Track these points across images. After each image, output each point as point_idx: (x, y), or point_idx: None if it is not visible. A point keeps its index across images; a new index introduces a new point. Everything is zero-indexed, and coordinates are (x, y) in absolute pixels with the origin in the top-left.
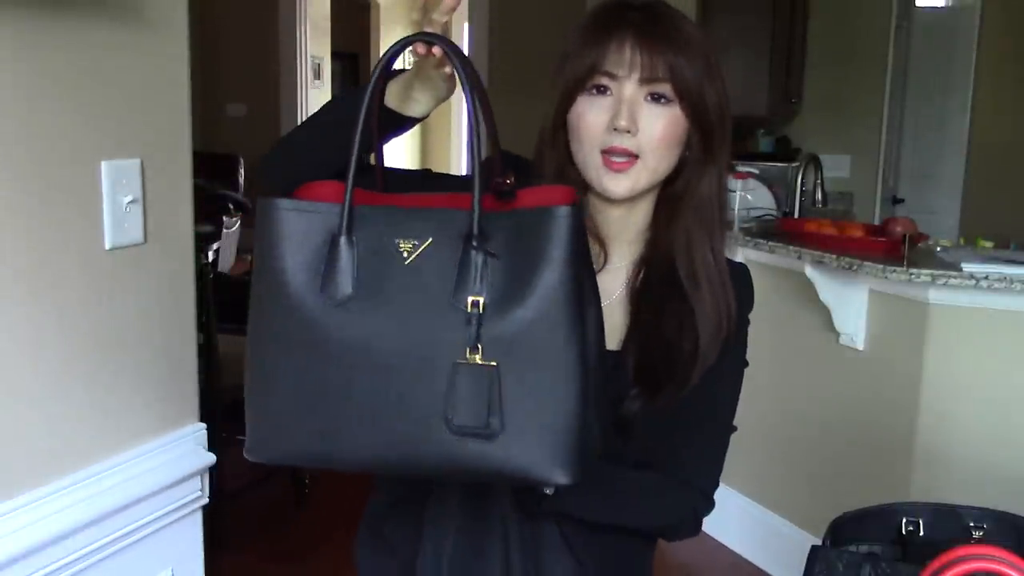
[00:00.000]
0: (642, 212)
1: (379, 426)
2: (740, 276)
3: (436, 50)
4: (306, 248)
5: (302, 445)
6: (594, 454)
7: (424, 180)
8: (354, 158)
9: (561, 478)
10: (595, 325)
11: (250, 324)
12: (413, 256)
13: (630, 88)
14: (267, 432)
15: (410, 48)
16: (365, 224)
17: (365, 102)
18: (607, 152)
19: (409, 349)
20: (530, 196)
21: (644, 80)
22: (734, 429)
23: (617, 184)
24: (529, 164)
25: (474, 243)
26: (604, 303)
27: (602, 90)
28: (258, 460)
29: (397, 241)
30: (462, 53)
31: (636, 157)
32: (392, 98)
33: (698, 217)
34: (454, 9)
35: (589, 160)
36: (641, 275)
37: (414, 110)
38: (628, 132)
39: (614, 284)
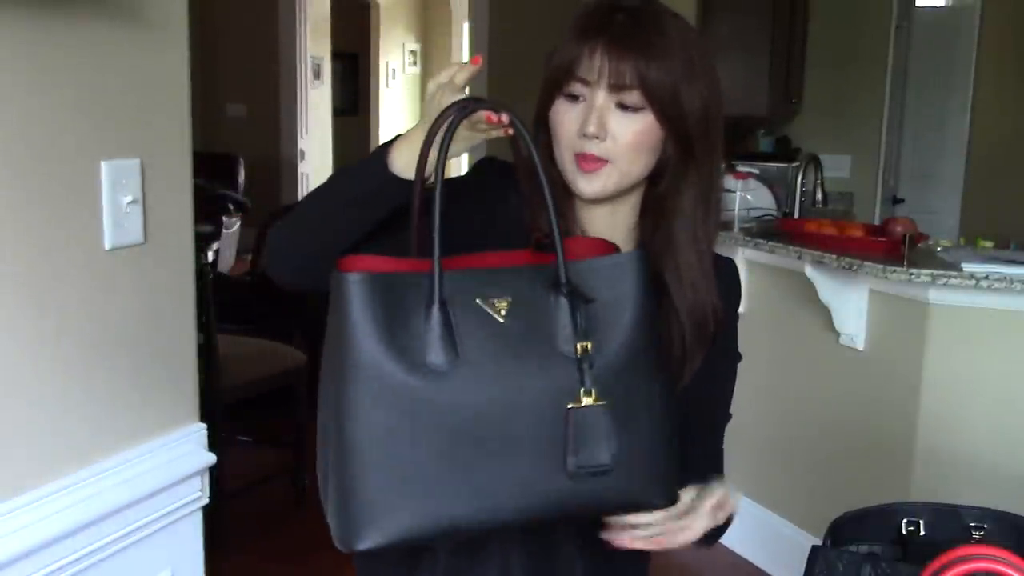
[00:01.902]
0: (627, 212)
1: (495, 485)
2: (727, 271)
3: (505, 119)
4: (392, 320)
5: (414, 519)
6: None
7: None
8: (437, 230)
9: (663, 501)
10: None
11: (330, 409)
12: (506, 313)
13: (600, 95)
14: (367, 515)
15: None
16: (453, 288)
17: (439, 179)
18: (579, 156)
19: (519, 403)
20: (567, 248)
21: (612, 88)
22: (729, 417)
23: (587, 185)
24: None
25: (567, 291)
26: None
27: (574, 97)
28: (363, 548)
29: (491, 301)
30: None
31: (606, 161)
32: (403, 164)
33: (682, 221)
34: (477, 72)
35: (565, 161)
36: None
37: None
38: (597, 138)
39: None
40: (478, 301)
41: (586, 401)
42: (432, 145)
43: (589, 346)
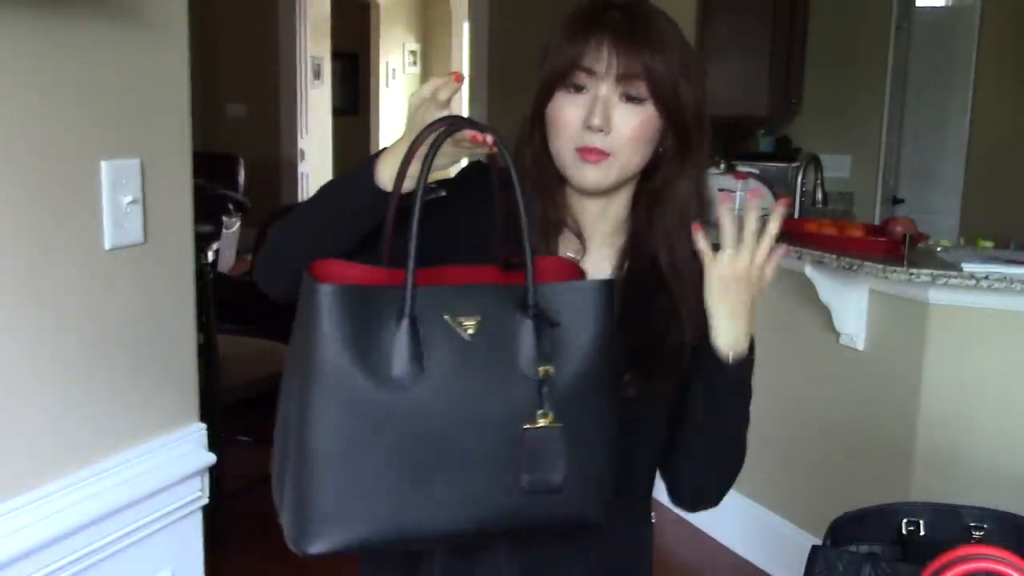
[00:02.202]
0: (620, 204)
1: (450, 497)
2: None
3: (489, 139)
4: (361, 332)
5: (368, 527)
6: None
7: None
8: (414, 246)
9: (601, 518)
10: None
11: (292, 414)
12: (473, 331)
13: (605, 87)
14: (324, 521)
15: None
16: (423, 303)
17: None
18: (580, 148)
19: (478, 420)
20: (536, 268)
21: (620, 79)
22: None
23: (587, 176)
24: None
25: (533, 314)
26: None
27: (579, 88)
28: (316, 552)
29: (459, 318)
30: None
31: (608, 154)
32: (388, 178)
33: (677, 215)
34: (458, 89)
35: (563, 153)
36: (625, 267)
37: (408, 186)
38: (601, 131)
39: (597, 273)
40: (446, 317)
41: (542, 423)
42: (414, 159)
43: (550, 370)
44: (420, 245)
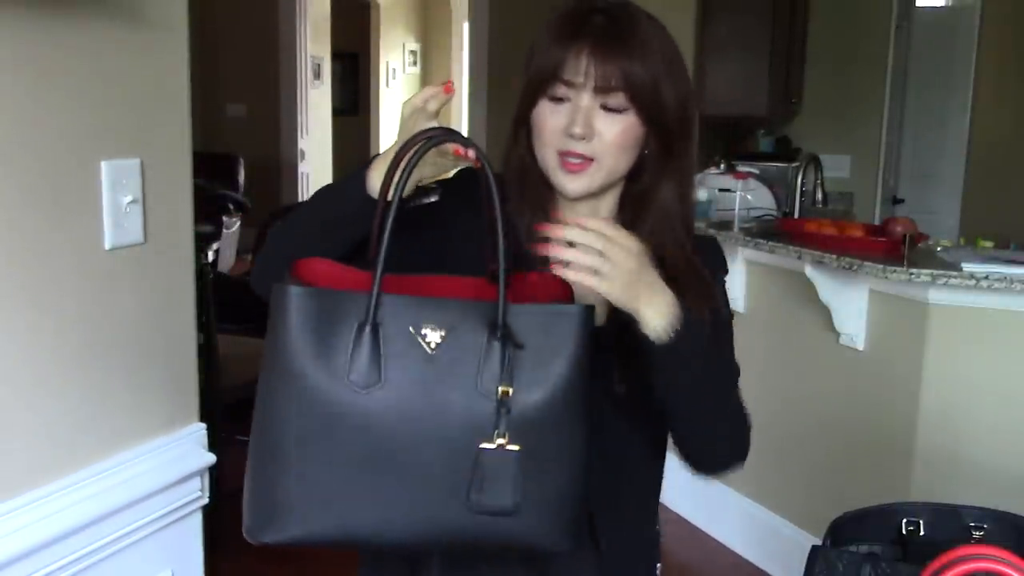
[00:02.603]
0: (609, 205)
1: (397, 505)
2: (709, 248)
3: (472, 154)
4: (326, 334)
5: (316, 524)
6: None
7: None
8: (383, 255)
9: (565, 546)
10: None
11: (259, 410)
12: (437, 345)
13: (585, 97)
14: (275, 512)
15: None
16: (389, 312)
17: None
18: (564, 154)
19: (433, 434)
20: (522, 284)
21: (598, 90)
22: (738, 371)
23: (573, 184)
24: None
25: (500, 335)
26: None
27: (559, 98)
28: (266, 541)
29: (423, 331)
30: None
31: (592, 160)
32: (375, 185)
33: (662, 217)
34: (449, 100)
35: (547, 158)
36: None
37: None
38: (583, 139)
39: None
40: (411, 329)
41: (499, 443)
42: (398, 168)
43: (510, 391)
44: (415, 251)
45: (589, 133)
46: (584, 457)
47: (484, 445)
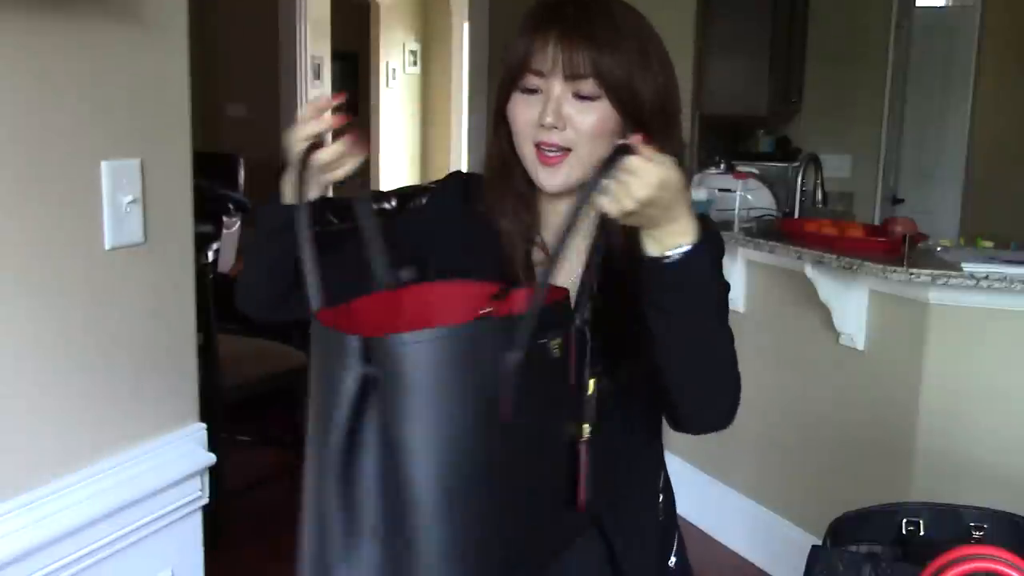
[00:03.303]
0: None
1: (511, 527)
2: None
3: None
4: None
5: None
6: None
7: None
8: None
9: None
10: None
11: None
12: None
13: (556, 86)
14: None
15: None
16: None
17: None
18: (539, 146)
19: (531, 444)
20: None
21: (568, 78)
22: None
23: (550, 178)
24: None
25: (580, 323)
26: (567, 283)
27: (532, 89)
28: None
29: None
30: None
31: (568, 151)
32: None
33: None
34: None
35: (526, 153)
36: (597, 260)
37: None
38: (556, 127)
39: (574, 266)
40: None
41: (589, 434)
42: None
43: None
44: (398, 257)
45: (560, 122)
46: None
47: (582, 440)
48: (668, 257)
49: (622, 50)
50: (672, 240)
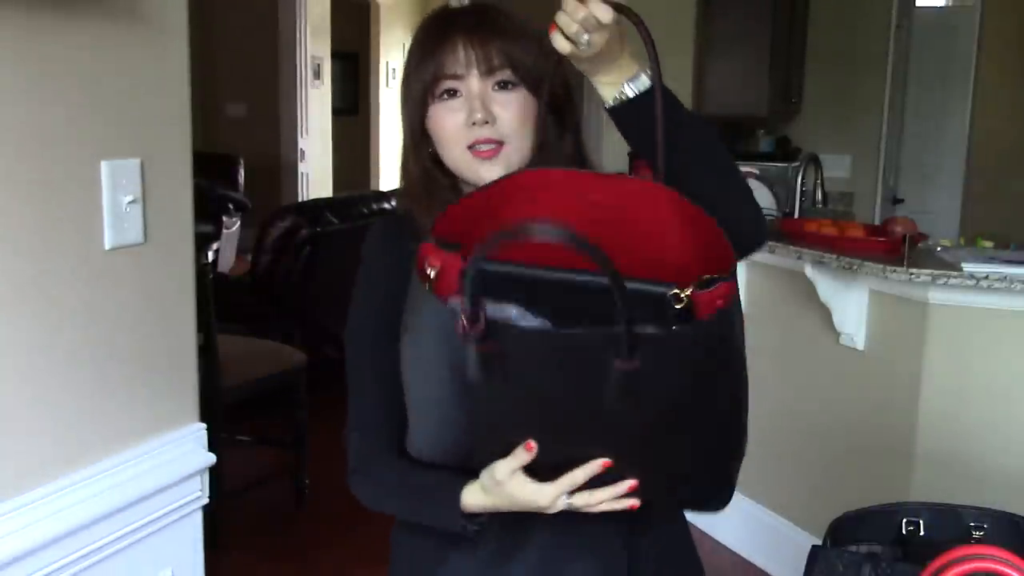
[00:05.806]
0: None
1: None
2: None
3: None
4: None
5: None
6: None
7: None
8: None
9: None
10: None
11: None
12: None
13: (476, 84)
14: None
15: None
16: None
17: None
18: (472, 146)
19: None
20: None
21: (485, 72)
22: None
23: (491, 171)
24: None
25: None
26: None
27: (452, 93)
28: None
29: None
30: None
31: (501, 144)
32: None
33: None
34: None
35: (459, 159)
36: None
37: None
38: (487, 123)
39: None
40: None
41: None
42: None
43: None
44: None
45: (491, 116)
46: None
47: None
48: (625, 92)
49: (523, 39)
50: (622, 75)
